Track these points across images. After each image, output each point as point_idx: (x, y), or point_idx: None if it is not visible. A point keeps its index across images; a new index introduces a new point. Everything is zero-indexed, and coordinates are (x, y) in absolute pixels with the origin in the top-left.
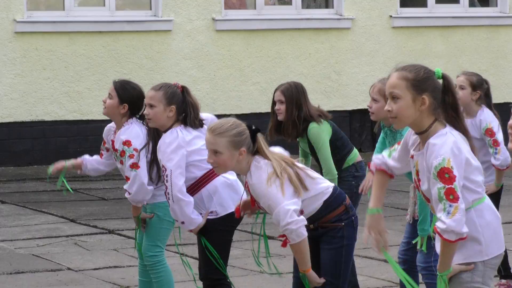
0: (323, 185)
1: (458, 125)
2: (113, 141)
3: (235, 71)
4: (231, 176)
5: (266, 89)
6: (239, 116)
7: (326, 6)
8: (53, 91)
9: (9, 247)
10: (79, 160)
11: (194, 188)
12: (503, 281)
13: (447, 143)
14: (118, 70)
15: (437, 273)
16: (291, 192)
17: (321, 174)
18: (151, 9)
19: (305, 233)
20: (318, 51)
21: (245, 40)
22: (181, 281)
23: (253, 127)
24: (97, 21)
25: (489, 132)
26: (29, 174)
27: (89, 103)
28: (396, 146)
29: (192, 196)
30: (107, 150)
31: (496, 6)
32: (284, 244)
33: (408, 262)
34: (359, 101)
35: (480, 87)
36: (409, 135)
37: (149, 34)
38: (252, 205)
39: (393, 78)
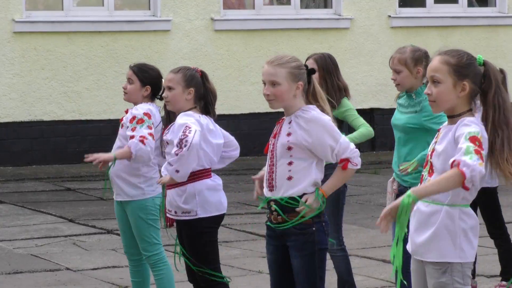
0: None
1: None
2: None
3: (233, 71)
4: (218, 180)
5: None
6: (238, 116)
7: (325, 6)
8: (51, 91)
9: (8, 247)
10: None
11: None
12: (504, 282)
13: (480, 127)
14: (117, 70)
15: (409, 192)
16: None
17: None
18: (149, 9)
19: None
20: (317, 51)
21: (244, 40)
22: (180, 281)
23: (309, 67)
24: (95, 21)
25: None
26: (27, 174)
27: (88, 103)
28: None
29: (178, 187)
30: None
31: (495, 6)
32: (345, 167)
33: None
34: (358, 101)
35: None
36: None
37: (147, 34)
38: (266, 150)
39: (435, 61)
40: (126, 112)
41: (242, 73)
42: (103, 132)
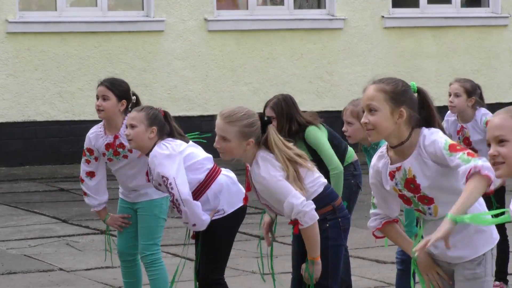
0: (319, 183)
1: None
2: (116, 137)
3: (227, 71)
4: (231, 173)
5: (259, 89)
6: None
7: (318, 7)
8: (45, 91)
9: (1, 247)
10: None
11: (200, 190)
12: (497, 282)
13: (439, 134)
14: (110, 70)
15: (448, 214)
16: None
17: (325, 173)
18: (143, 10)
19: (317, 216)
20: (310, 51)
21: (237, 40)
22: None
23: (266, 118)
24: (89, 21)
25: None
26: (21, 175)
27: (81, 103)
28: (372, 193)
29: (199, 199)
30: (96, 159)
31: (488, 6)
32: (296, 230)
33: (405, 262)
34: None
35: (474, 92)
36: (374, 171)
37: (141, 34)
38: (248, 190)
39: (371, 90)
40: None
41: (236, 74)
42: None
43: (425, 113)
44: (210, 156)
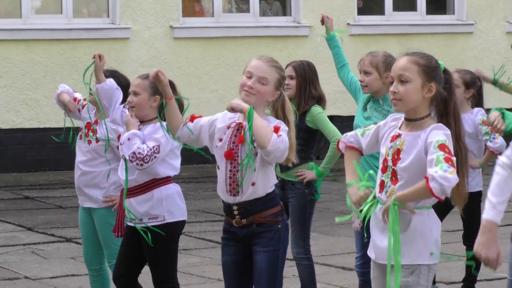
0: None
1: (445, 120)
2: (96, 122)
3: (193, 78)
4: (179, 188)
5: (224, 96)
6: None
7: (284, 14)
8: (10, 99)
9: None
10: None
11: (149, 185)
12: None
13: (447, 134)
14: (76, 78)
15: (392, 200)
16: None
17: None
18: (108, 17)
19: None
20: (276, 58)
21: (203, 47)
22: None
23: (287, 74)
24: (54, 28)
25: (485, 124)
26: None
27: (47, 111)
28: (370, 126)
29: (141, 194)
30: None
31: (453, 13)
32: (241, 139)
33: (367, 274)
34: None
35: (473, 85)
36: (383, 127)
37: (107, 41)
38: (241, 140)
39: (404, 61)
40: (96, 122)
41: (202, 81)
42: (62, 140)
43: (446, 93)
44: (179, 167)
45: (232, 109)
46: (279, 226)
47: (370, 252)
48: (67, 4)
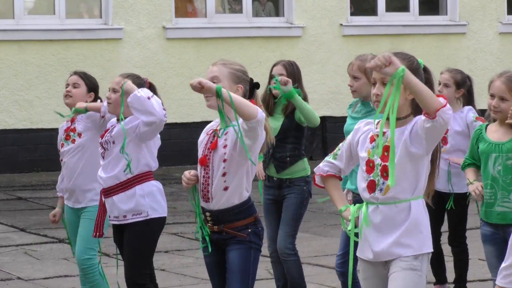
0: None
1: None
2: (73, 120)
3: (186, 79)
4: (160, 184)
5: None
6: (190, 125)
7: (277, 15)
8: (2, 99)
9: None
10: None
11: (131, 182)
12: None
13: None
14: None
15: (402, 67)
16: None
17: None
18: (101, 18)
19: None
20: (269, 59)
21: (196, 48)
22: None
23: (254, 81)
24: (47, 29)
25: (480, 120)
26: None
27: (39, 111)
28: (339, 146)
29: (123, 191)
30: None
31: (446, 14)
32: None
33: (346, 274)
34: None
35: (463, 85)
36: (355, 134)
37: (99, 42)
38: (213, 147)
39: None
40: (72, 121)
41: None
42: (54, 141)
43: None
44: (157, 162)
45: (201, 86)
46: (249, 230)
47: (363, 253)
48: (60, 4)
